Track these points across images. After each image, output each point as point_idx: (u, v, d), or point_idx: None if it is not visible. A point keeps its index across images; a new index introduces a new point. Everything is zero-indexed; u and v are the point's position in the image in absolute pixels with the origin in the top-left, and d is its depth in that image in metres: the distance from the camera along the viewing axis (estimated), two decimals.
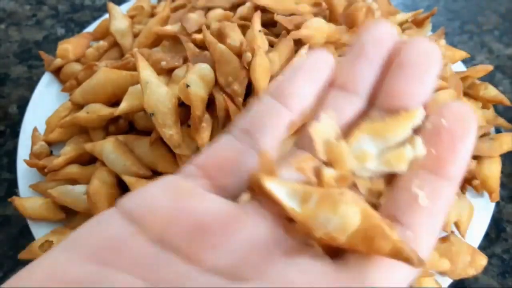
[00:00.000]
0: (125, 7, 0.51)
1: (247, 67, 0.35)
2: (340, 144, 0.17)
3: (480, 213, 0.36)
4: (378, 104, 0.18)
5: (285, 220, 0.16)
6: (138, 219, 0.15)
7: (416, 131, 0.17)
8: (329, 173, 0.17)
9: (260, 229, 0.16)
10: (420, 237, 0.16)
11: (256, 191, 0.17)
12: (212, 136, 0.34)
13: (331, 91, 0.19)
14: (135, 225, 0.15)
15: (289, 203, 0.16)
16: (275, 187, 0.16)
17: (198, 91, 0.33)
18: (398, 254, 0.14)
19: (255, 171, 0.17)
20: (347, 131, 0.18)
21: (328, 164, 0.17)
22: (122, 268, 0.14)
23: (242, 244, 0.15)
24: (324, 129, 0.18)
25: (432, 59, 0.17)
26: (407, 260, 0.14)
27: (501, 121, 0.42)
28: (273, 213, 0.16)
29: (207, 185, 0.17)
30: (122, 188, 0.35)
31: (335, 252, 0.16)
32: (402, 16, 0.46)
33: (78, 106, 0.40)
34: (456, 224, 0.35)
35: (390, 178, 0.17)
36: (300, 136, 0.19)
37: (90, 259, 0.14)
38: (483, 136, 0.40)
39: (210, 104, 0.35)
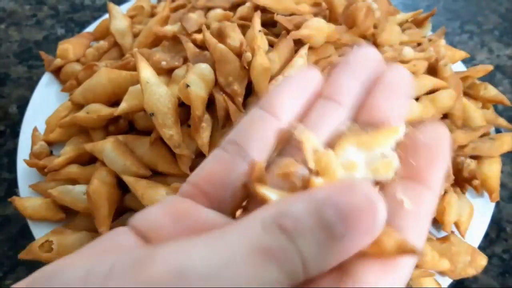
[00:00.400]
0: (125, 7, 0.51)
1: (247, 67, 0.35)
2: (328, 153, 0.18)
3: (480, 213, 0.36)
4: (360, 117, 0.20)
5: None
6: (145, 234, 0.17)
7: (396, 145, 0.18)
8: (318, 182, 0.17)
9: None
10: (409, 239, 0.16)
11: (250, 200, 0.18)
12: (212, 136, 0.34)
13: (318, 101, 0.20)
14: (144, 239, 0.17)
15: None
16: (269, 192, 0.17)
17: (198, 91, 0.33)
18: (404, 248, 0.15)
19: (247, 180, 0.18)
20: (332, 140, 0.19)
21: (314, 172, 0.18)
22: None
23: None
24: (313, 138, 0.18)
25: (407, 83, 0.20)
26: (412, 251, 0.15)
27: (501, 121, 0.42)
28: None
29: (203, 202, 0.18)
30: (122, 188, 0.35)
31: None
32: (402, 16, 0.46)
33: (78, 106, 0.40)
34: (456, 224, 0.35)
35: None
36: (284, 145, 0.19)
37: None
38: (483, 136, 0.40)
39: (210, 104, 0.35)
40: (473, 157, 0.38)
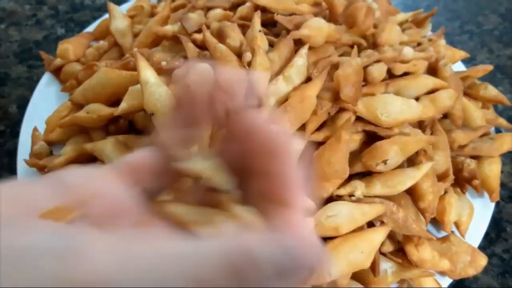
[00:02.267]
0: (125, 7, 0.51)
1: (247, 67, 0.35)
2: None
3: (480, 213, 0.36)
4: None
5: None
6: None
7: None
8: None
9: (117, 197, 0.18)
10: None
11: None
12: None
13: None
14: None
15: None
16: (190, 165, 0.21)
17: None
18: None
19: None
20: None
21: None
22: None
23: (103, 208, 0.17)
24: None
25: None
26: None
27: (501, 121, 0.42)
28: (131, 181, 0.19)
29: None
30: None
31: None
32: (402, 16, 0.46)
33: (78, 106, 0.40)
34: (456, 224, 0.35)
35: None
36: None
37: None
38: (483, 136, 0.40)
39: None
40: (473, 157, 0.38)
